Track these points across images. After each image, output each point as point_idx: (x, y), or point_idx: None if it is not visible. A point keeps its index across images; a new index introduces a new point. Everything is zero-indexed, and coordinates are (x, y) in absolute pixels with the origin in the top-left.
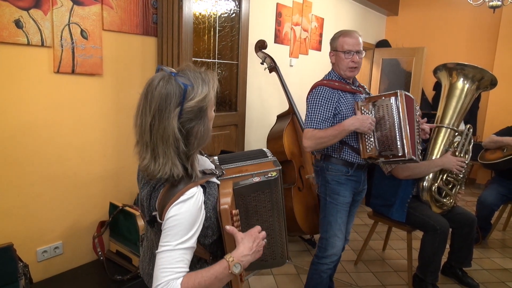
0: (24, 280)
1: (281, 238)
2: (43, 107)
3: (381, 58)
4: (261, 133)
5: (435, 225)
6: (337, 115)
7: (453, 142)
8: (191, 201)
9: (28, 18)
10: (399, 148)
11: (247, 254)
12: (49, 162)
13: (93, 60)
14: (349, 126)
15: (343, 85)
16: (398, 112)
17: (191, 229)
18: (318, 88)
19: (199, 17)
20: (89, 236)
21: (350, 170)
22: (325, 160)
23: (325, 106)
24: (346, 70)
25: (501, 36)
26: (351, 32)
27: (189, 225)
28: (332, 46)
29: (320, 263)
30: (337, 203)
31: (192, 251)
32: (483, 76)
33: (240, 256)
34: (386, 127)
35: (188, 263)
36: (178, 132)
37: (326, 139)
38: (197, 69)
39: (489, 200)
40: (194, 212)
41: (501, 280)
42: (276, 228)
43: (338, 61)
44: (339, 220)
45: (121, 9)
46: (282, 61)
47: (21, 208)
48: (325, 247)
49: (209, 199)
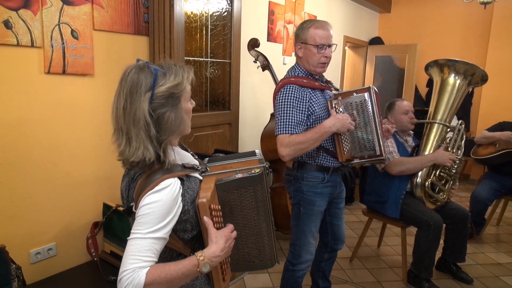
0: (17, 282)
1: (269, 239)
2: (34, 107)
3: (374, 55)
4: (255, 131)
5: (429, 221)
6: (311, 115)
7: (446, 138)
8: (165, 191)
9: (18, 19)
10: (376, 148)
11: (218, 255)
12: (41, 163)
13: (84, 60)
14: (330, 128)
15: (311, 82)
16: (373, 109)
17: (164, 219)
18: (287, 87)
19: (191, 16)
20: (83, 237)
21: (326, 175)
22: (299, 168)
23: (297, 108)
24: (317, 66)
25: (493, 32)
26: (323, 24)
27: (161, 214)
28: (300, 37)
29: (296, 270)
30: (312, 213)
31: (163, 242)
32: (474, 71)
33: (211, 256)
34: (361, 125)
35: (157, 254)
36: (148, 115)
37: (307, 144)
38: (174, 63)
39: (483, 195)
40: (168, 203)
41: (495, 275)
42: (263, 228)
43: (307, 55)
44: (313, 229)
45: (112, 9)
46: (275, 59)
47: (14, 210)
48: (299, 254)
49: (187, 192)
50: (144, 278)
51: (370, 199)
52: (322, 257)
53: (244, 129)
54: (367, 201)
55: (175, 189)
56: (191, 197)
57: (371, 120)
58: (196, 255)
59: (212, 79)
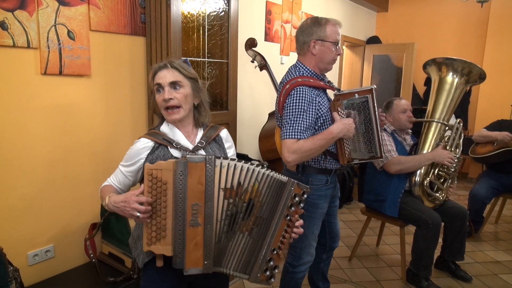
0: (15, 284)
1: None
2: (31, 109)
3: (372, 54)
4: (253, 131)
5: (427, 219)
6: (319, 118)
7: (444, 136)
8: (136, 143)
9: (13, 20)
10: (377, 150)
11: (114, 205)
12: (38, 164)
13: (81, 61)
14: (338, 134)
15: (317, 82)
16: (374, 112)
17: (127, 161)
18: (298, 89)
19: (188, 16)
20: (81, 238)
21: (328, 177)
22: (303, 172)
23: (308, 111)
24: (330, 63)
25: (490, 31)
26: (336, 20)
27: (128, 157)
28: (316, 34)
29: (296, 271)
30: (315, 216)
31: (123, 177)
32: (472, 70)
33: (112, 201)
34: (363, 127)
35: (116, 181)
36: (152, 100)
37: (314, 151)
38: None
39: (481, 194)
40: (133, 151)
41: (494, 273)
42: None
43: (324, 52)
44: (315, 231)
45: (109, 9)
46: (273, 59)
47: (11, 211)
48: (300, 256)
49: (153, 156)
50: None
51: (369, 198)
52: (320, 258)
53: (242, 129)
54: (366, 200)
55: (140, 146)
56: (150, 161)
57: (372, 121)
58: (109, 195)
59: (209, 79)
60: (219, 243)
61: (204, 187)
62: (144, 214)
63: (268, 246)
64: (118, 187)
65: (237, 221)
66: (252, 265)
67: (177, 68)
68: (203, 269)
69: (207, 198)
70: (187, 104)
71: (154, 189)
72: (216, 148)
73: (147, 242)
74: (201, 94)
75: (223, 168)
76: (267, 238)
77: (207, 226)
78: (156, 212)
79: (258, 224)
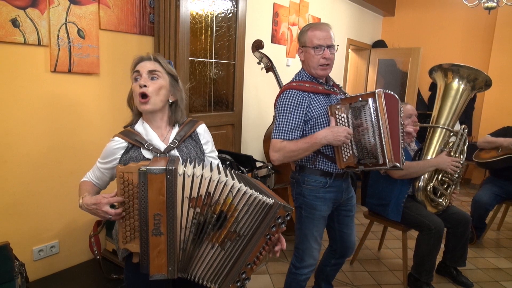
0: (20, 279)
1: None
2: (39, 106)
3: (378, 58)
4: (257, 132)
5: (430, 224)
6: (309, 121)
7: (448, 142)
8: (111, 142)
9: (25, 17)
10: (379, 156)
11: (87, 207)
12: (45, 160)
13: (90, 59)
14: (321, 140)
15: (314, 86)
16: (377, 116)
17: (104, 158)
18: (286, 92)
19: (196, 17)
20: (86, 235)
21: (328, 180)
22: (300, 171)
23: (294, 113)
24: (317, 68)
25: (496, 37)
26: (321, 25)
27: (104, 155)
28: (300, 41)
29: (298, 273)
30: (314, 218)
31: (100, 173)
32: (478, 76)
33: (84, 203)
34: (363, 132)
35: (94, 176)
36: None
37: (296, 153)
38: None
39: (484, 200)
40: (108, 150)
41: (495, 280)
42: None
43: (308, 58)
44: (315, 233)
45: (118, 9)
46: (279, 61)
47: (17, 207)
48: (302, 257)
49: (126, 156)
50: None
51: (372, 202)
52: (329, 261)
53: (247, 130)
54: (369, 204)
55: (113, 146)
56: (124, 161)
57: (375, 126)
58: (84, 194)
59: (216, 79)
60: (185, 250)
61: (165, 198)
62: (116, 217)
63: (244, 261)
64: (97, 183)
65: (205, 230)
66: (224, 278)
67: (159, 61)
68: (167, 275)
69: (168, 208)
70: (159, 96)
71: (126, 191)
72: (192, 146)
73: (122, 240)
74: (178, 93)
75: (187, 178)
76: (244, 255)
77: (169, 235)
78: (129, 213)
79: (233, 239)
